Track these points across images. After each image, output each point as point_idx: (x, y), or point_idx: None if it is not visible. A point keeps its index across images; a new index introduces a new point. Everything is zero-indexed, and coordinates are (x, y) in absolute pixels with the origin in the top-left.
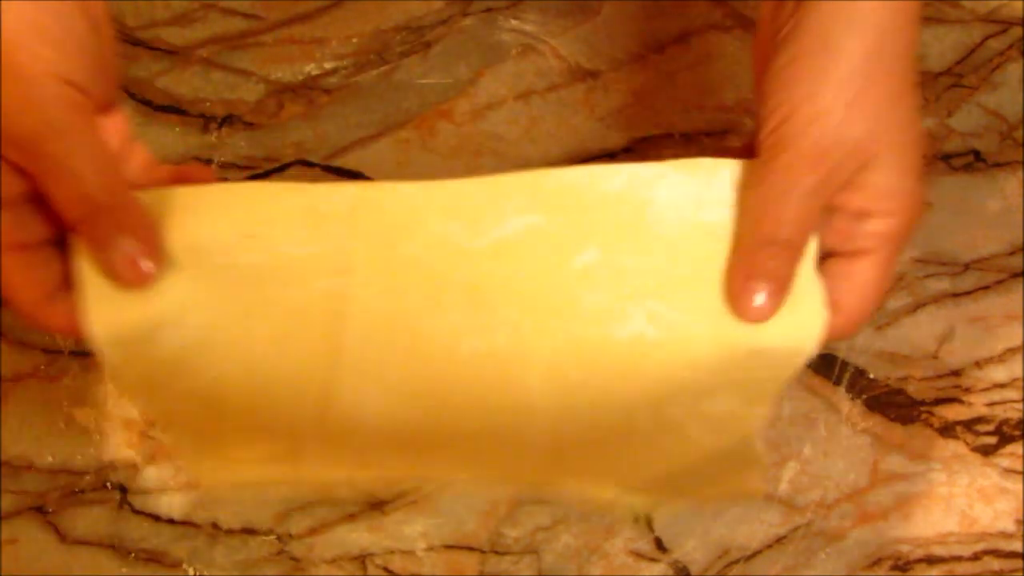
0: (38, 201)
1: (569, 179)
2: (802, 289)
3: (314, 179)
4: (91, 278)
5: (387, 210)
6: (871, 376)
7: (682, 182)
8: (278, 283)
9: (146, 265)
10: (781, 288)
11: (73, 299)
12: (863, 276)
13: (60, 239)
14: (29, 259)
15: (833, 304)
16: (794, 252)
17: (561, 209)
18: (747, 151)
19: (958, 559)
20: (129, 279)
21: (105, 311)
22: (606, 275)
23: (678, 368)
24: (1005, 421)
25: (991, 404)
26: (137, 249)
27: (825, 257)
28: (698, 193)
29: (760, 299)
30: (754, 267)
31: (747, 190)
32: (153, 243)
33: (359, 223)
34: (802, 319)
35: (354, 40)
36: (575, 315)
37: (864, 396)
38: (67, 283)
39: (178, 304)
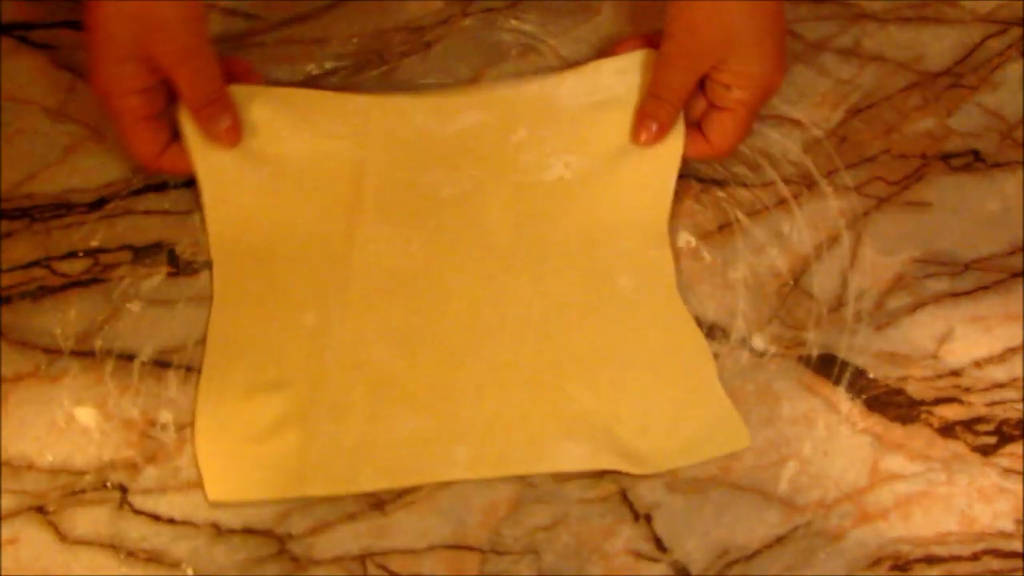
0: (160, 86)
1: (502, 90)
2: (674, 132)
3: None
4: (196, 135)
5: (390, 111)
6: (871, 376)
7: (577, 80)
8: (321, 152)
9: (236, 132)
10: (662, 127)
11: (178, 151)
12: (725, 124)
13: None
14: (152, 125)
15: (706, 139)
16: (671, 105)
17: (498, 107)
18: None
19: (958, 559)
20: (226, 142)
21: (206, 154)
22: (533, 144)
23: (593, 203)
24: (1005, 421)
25: (991, 404)
26: (232, 123)
27: (706, 109)
28: (589, 84)
29: (649, 131)
30: (646, 110)
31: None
32: (239, 119)
33: (372, 118)
34: (670, 146)
35: (354, 40)
36: (515, 169)
37: (864, 396)
38: (172, 141)
39: (256, 153)
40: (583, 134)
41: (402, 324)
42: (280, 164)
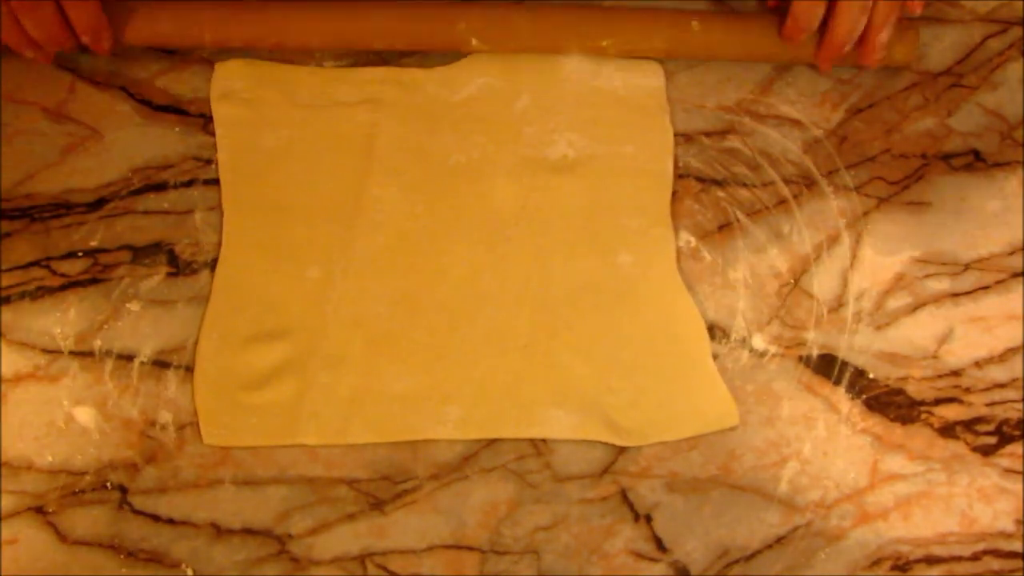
0: None
1: (504, 56)
2: (663, 118)
3: None
4: (217, 85)
5: (403, 81)
6: (871, 376)
7: (582, 61)
8: (336, 116)
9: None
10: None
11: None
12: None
13: None
14: None
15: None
16: None
17: (503, 73)
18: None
19: (958, 559)
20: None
21: (226, 111)
22: (537, 113)
23: (597, 181)
24: (1005, 421)
25: (991, 404)
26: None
27: None
28: (592, 67)
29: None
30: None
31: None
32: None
33: (386, 85)
34: (663, 131)
35: None
36: (520, 141)
37: (864, 396)
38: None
39: (275, 117)
40: (584, 114)
41: (403, 284)
42: (297, 127)
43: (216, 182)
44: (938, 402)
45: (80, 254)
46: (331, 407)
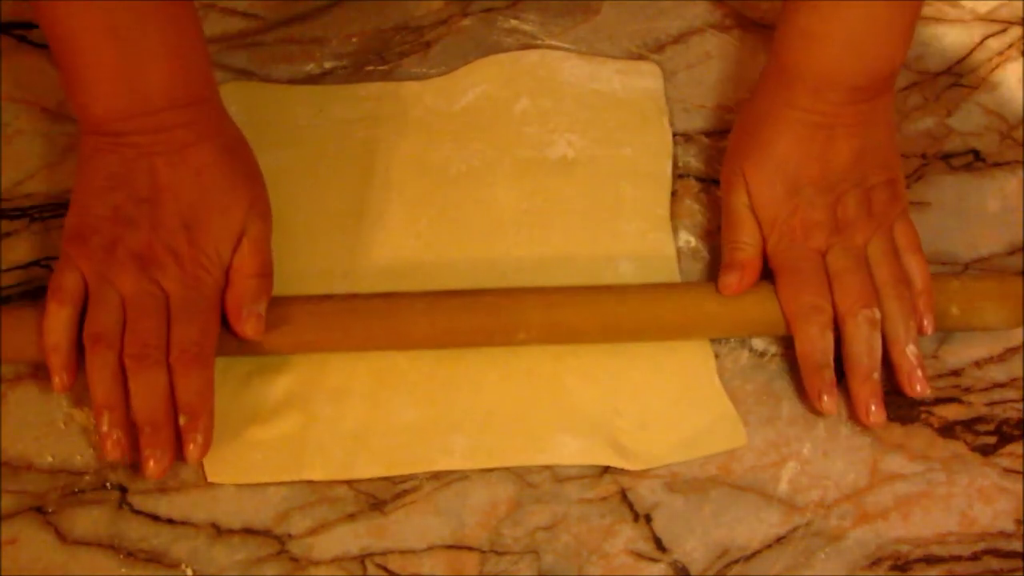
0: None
1: (502, 59)
2: (662, 126)
3: None
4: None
5: (401, 95)
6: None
7: (580, 62)
8: (336, 134)
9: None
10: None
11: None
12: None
13: None
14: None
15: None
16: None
17: (500, 78)
18: None
19: (958, 559)
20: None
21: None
22: (536, 115)
23: (596, 183)
24: (1005, 421)
25: (991, 404)
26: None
27: None
28: (590, 70)
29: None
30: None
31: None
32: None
33: (383, 102)
34: (662, 133)
35: (354, 40)
36: (520, 142)
37: None
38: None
39: (275, 138)
40: (583, 115)
41: None
42: (296, 147)
43: None
44: (938, 402)
45: None
46: (336, 441)
